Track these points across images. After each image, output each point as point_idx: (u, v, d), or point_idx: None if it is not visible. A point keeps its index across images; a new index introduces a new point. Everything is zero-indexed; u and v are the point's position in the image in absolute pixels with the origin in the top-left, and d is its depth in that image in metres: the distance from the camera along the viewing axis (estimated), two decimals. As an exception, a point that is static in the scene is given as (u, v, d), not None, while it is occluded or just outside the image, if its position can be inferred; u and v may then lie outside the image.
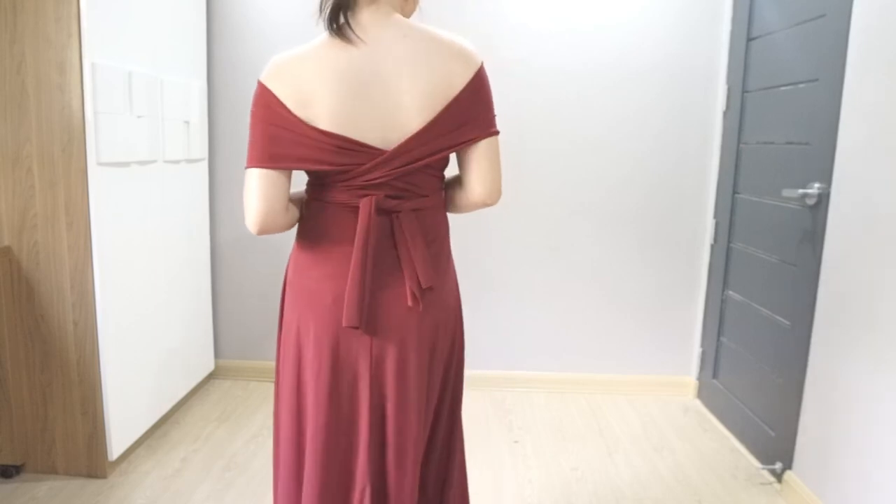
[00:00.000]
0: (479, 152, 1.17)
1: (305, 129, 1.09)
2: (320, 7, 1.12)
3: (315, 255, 1.20)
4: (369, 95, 1.09)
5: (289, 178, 1.15)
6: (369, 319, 1.16)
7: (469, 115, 1.15)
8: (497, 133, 1.19)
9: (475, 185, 1.19)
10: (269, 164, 1.10)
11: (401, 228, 1.17)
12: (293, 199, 1.22)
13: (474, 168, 1.18)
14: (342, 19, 1.10)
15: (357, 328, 1.14)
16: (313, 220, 1.21)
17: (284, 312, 1.28)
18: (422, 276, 1.16)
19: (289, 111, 1.09)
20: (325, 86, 1.08)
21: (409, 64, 1.11)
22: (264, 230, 1.13)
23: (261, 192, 1.11)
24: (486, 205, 1.21)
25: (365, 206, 1.13)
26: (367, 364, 1.18)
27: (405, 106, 1.11)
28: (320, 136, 1.09)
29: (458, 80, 1.13)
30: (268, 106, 1.10)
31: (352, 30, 1.11)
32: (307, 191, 1.24)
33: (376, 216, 1.14)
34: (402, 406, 1.19)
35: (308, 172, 1.18)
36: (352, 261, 1.13)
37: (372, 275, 1.15)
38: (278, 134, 1.09)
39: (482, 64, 1.18)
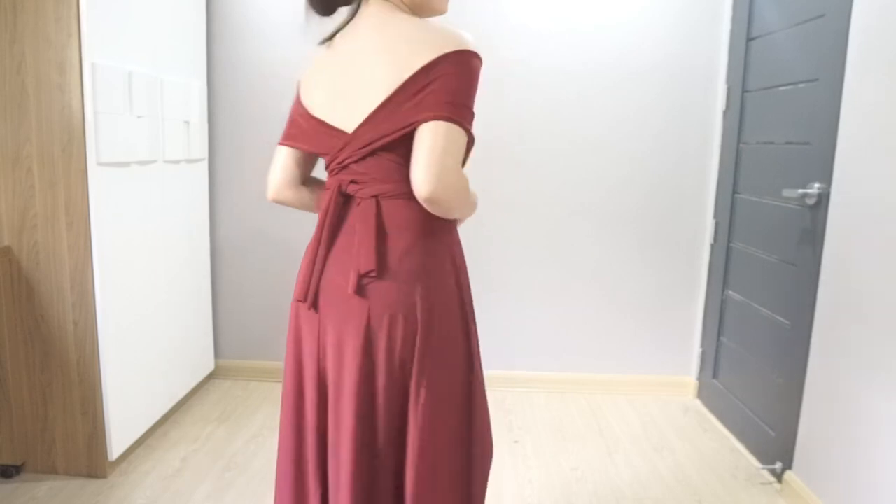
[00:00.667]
0: (421, 135, 1.05)
1: (304, 113, 1.23)
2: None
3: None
4: (346, 84, 1.16)
5: (303, 158, 1.30)
6: (318, 297, 1.21)
7: (421, 97, 1.06)
8: (450, 120, 1.05)
9: (415, 167, 1.06)
10: (282, 141, 1.29)
11: (355, 213, 1.17)
12: (314, 182, 1.35)
13: (420, 148, 1.06)
14: (355, 7, 1.21)
15: (303, 302, 1.22)
16: (319, 204, 1.33)
17: None
18: (362, 261, 1.13)
19: (299, 99, 1.25)
20: (320, 74, 1.22)
21: (382, 51, 1.11)
22: (273, 198, 1.32)
23: (275, 164, 1.30)
24: (420, 195, 1.06)
25: (330, 187, 1.21)
26: (314, 341, 1.22)
27: (370, 91, 1.11)
28: (311, 120, 1.22)
29: (419, 61, 1.06)
30: (296, 95, 1.28)
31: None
32: None
33: (340, 200, 1.19)
34: (337, 388, 1.18)
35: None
36: (311, 240, 1.24)
37: (328, 256, 1.20)
38: (294, 119, 1.27)
39: (462, 49, 1.08)
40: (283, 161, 1.29)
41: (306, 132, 1.23)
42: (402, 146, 1.10)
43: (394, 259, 1.14)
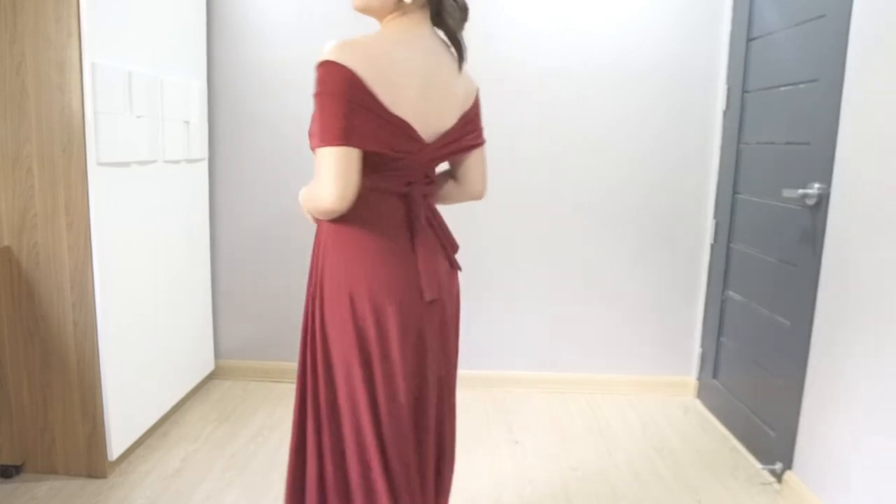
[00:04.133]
0: (480, 156, 1.41)
1: (388, 114, 1.17)
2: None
3: (370, 239, 1.25)
4: (433, 93, 1.24)
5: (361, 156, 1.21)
6: (427, 293, 1.29)
7: (476, 123, 1.38)
8: (484, 142, 1.42)
9: (476, 182, 1.43)
10: (350, 141, 1.13)
11: (429, 210, 1.34)
12: None
13: (476, 168, 1.41)
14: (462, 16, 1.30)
15: (437, 299, 1.29)
16: (364, 206, 1.21)
17: (335, 294, 1.26)
18: (450, 246, 1.38)
19: (374, 96, 1.14)
20: (413, 78, 1.20)
21: (450, 72, 1.28)
22: (344, 207, 1.15)
23: (347, 168, 1.13)
24: (479, 199, 1.46)
25: (398, 191, 1.26)
26: (435, 329, 1.32)
27: (449, 108, 1.28)
28: (399, 123, 1.19)
29: (472, 94, 1.36)
30: (349, 85, 1.12)
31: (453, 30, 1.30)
32: None
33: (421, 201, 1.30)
34: (449, 361, 1.39)
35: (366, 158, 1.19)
36: (417, 242, 1.26)
37: (416, 254, 1.28)
38: (359, 113, 1.13)
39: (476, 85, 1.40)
40: (355, 164, 1.13)
41: (384, 131, 1.16)
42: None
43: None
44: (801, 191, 2.06)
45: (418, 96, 1.20)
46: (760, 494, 2.13)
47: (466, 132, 1.33)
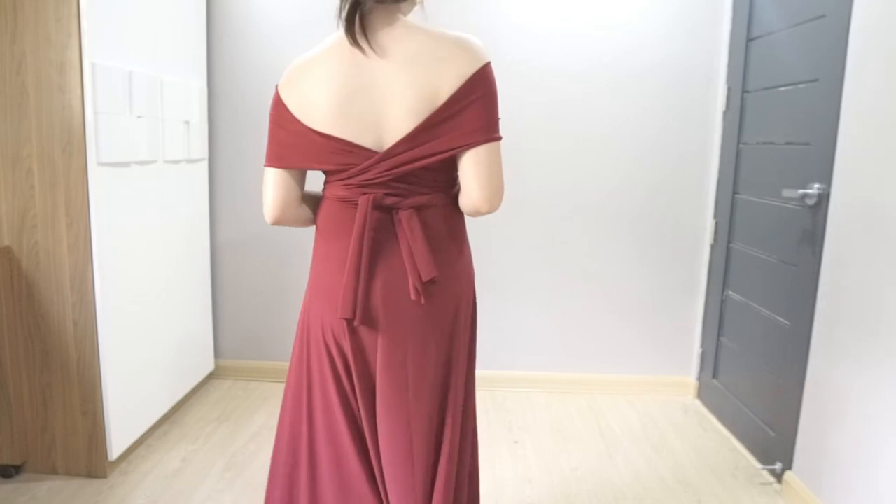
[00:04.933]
0: (476, 157, 1.15)
1: (306, 131, 1.16)
2: (339, 8, 1.15)
3: (323, 248, 1.27)
4: (365, 98, 1.13)
5: (300, 175, 1.25)
6: (370, 311, 1.20)
7: (461, 119, 1.13)
8: (497, 139, 1.16)
9: (471, 191, 1.18)
10: (277, 163, 1.22)
11: (401, 225, 1.19)
12: (309, 196, 1.31)
13: (468, 174, 1.17)
14: (356, 21, 1.12)
15: (351, 320, 1.18)
16: (323, 215, 1.27)
17: (302, 305, 1.34)
18: (422, 270, 1.18)
19: (292, 115, 1.17)
20: (325, 90, 1.13)
21: (404, 67, 1.12)
22: (278, 221, 1.26)
23: (273, 188, 1.23)
24: (481, 212, 1.19)
25: (363, 203, 1.18)
26: (359, 353, 1.22)
27: (396, 109, 1.13)
28: (318, 139, 1.16)
29: (448, 85, 1.12)
30: (278, 110, 1.19)
31: (363, 33, 1.13)
32: (323, 188, 1.30)
33: (374, 213, 1.18)
34: (388, 397, 1.23)
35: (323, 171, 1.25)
36: (349, 254, 1.18)
37: (371, 268, 1.19)
38: (285, 137, 1.19)
39: (483, 66, 1.14)
40: (282, 181, 1.22)
41: (309, 150, 1.17)
42: (442, 161, 1.18)
43: (446, 264, 1.23)
44: (801, 191, 2.06)
45: (336, 106, 1.13)
46: (760, 494, 2.13)
47: (439, 133, 1.13)
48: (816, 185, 2.01)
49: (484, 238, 2.88)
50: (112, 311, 2.09)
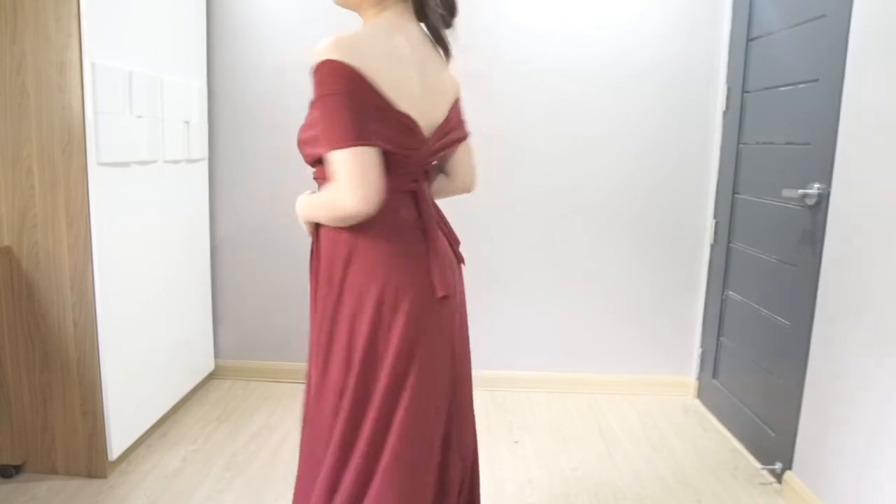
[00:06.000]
0: (467, 148, 1.39)
1: (391, 108, 1.13)
2: None
3: (384, 239, 1.20)
4: (427, 85, 1.21)
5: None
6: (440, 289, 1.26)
7: (460, 118, 1.36)
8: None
9: (466, 175, 1.40)
10: (366, 141, 1.08)
11: (434, 206, 1.33)
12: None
13: (464, 161, 1.39)
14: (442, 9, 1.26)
15: (448, 296, 1.25)
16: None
17: (352, 292, 1.22)
18: (454, 241, 1.36)
19: (376, 90, 1.10)
20: (405, 69, 1.17)
21: (440, 64, 1.28)
22: (369, 210, 1.09)
23: (371, 169, 1.08)
24: (469, 191, 1.43)
25: (404, 189, 1.23)
26: (451, 326, 1.30)
27: (443, 101, 1.27)
28: (402, 118, 1.15)
29: (458, 85, 1.35)
30: (353, 83, 1.08)
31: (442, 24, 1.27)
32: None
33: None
34: (465, 360, 1.39)
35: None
36: (428, 239, 1.24)
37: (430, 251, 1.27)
38: (368, 112, 1.09)
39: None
40: (373, 163, 1.08)
41: (391, 128, 1.13)
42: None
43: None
44: (801, 191, 2.06)
45: (419, 90, 1.18)
46: (760, 494, 2.13)
47: (455, 125, 1.31)
48: (816, 185, 2.01)
49: (484, 238, 2.88)
50: (112, 310, 2.09)
